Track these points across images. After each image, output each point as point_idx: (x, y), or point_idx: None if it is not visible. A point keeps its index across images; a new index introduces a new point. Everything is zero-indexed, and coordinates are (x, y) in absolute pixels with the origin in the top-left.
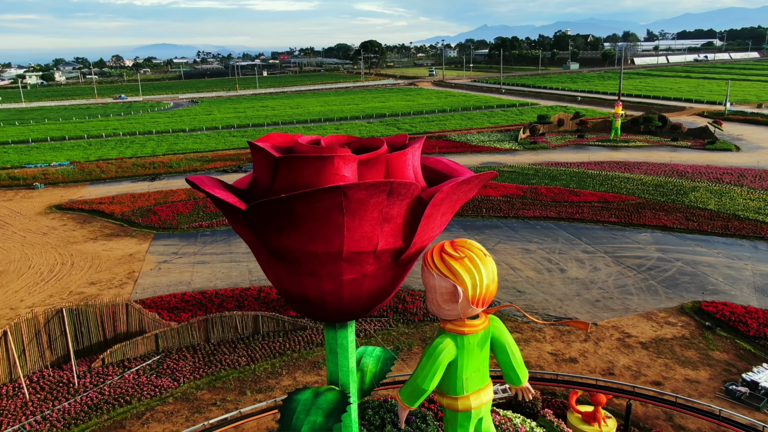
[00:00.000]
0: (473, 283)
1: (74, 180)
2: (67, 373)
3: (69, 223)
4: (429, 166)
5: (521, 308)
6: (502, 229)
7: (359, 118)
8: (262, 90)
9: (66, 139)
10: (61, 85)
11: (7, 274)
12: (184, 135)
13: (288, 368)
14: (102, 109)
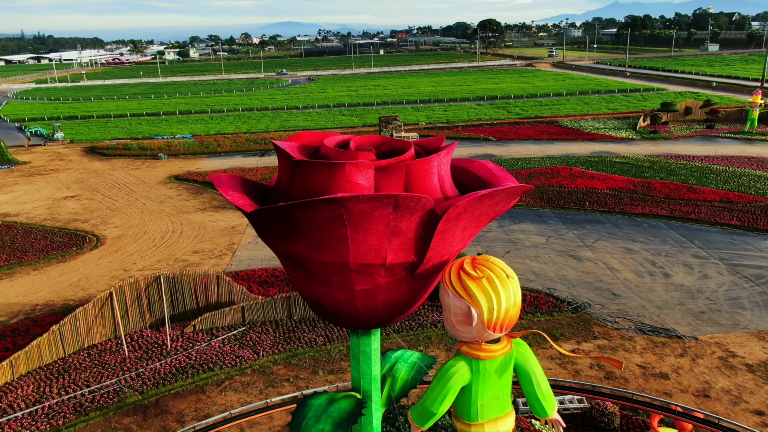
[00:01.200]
0: (489, 307)
1: (193, 152)
2: (162, 335)
3: (183, 193)
4: (471, 171)
5: (590, 316)
6: (605, 225)
7: (469, 100)
8: (376, 69)
9: (192, 113)
10: (194, 61)
11: (126, 237)
12: (297, 112)
13: None
14: (227, 84)
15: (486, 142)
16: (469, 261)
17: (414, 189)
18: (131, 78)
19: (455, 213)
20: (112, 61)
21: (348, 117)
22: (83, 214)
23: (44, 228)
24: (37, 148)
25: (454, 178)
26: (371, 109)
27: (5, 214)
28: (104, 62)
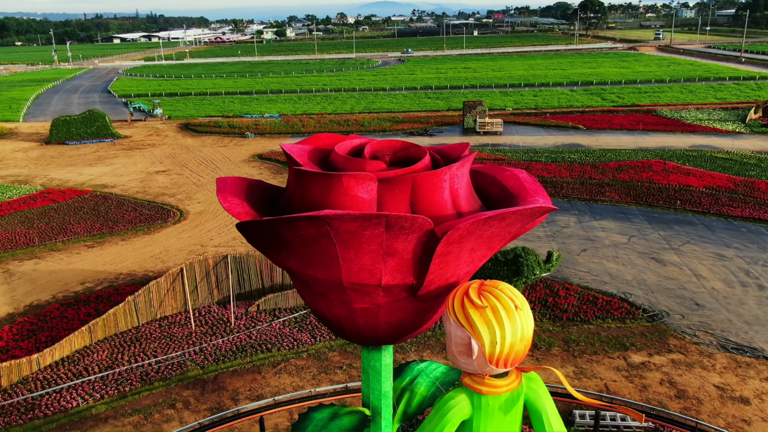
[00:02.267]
0: (492, 340)
1: (278, 132)
2: (228, 312)
3: (264, 172)
4: (501, 181)
5: None
6: (696, 226)
7: (562, 85)
8: (468, 51)
9: (282, 92)
10: (290, 41)
11: (206, 213)
12: (383, 94)
13: (418, 346)
14: (318, 65)
15: (574, 131)
16: (475, 287)
17: (421, 204)
18: (230, 57)
19: (457, 235)
20: (215, 40)
21: (433, 100)
22: (171, 188)
23: (135, 200)
24: (138, 123)
25: (481, 188)
26: (458, 93)
27: (103, 185)
28: (207, 41)
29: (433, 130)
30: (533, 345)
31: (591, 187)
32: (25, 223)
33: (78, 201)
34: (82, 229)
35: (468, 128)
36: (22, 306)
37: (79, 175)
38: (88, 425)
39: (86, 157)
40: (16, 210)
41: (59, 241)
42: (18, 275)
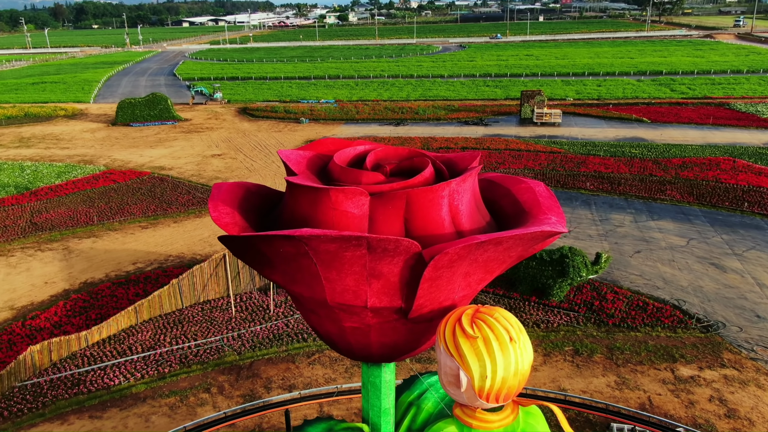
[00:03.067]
0: (482, 373)
1: (333, 118)
2: (267, 300)
3: None
4: (514, 194)
5: None
6: (764, 231)
7: (629, 75)
8: (531, 37)
9: (340, 77)
10: (352, 26)
11: None
12: (440, 81)
13: None
14: (378, 50)
15: (638, 124)
16: (469, 313)
17: (415, 221)
18: (292, 41)
19: (447, 260)
20: (278, 24)
21: (491, 89)
22: (225, 172)
23: (190, 183)
24: (198, 106)
25: (493, 200)
26: (518, 81)
27: (161, 167)
28: (271, 25)
29: (489, 119)
30: (574, 350)
31: (651, 184)
32: (87, 202)
33: (137, 182)
34: (138, 210)
35: (525, 118)
36: (77, 283)
37: (140, 157)
38: (127, 403)
39: (148, 139)
40: (79, 189)
41: (116, 221)
42: (76, 253)
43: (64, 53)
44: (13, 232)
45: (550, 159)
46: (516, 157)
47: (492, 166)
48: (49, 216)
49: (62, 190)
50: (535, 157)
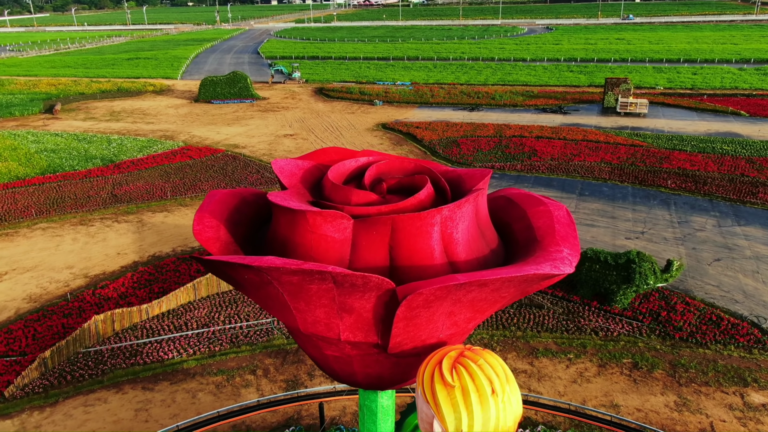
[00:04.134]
0: (457, 426)
1: (407, 101)
2: None
3: (385, 142)
4: (529, 218)
5: None
6: None
7: (729, 63)
8: (624, 20)
9: (418, 59)
10: (437, 5)
11: None
12: (522, 65)
13: (504, 345)
14: (460, 31)
15: (734, 117)
16: (453, 356)
17: (401, 250)
18: (375, 20)
19: (422, 300)
20: (363, 3)
21: (575, 74)
22: (294, 153)
23: (260, 162)
24: (277, 85)
25: (507, 222)
26: (604, 67)
27: (235, 146)
28: (356, 4)
29: (569, 107)
30: (632, 363)
31: (741, 185)
32: (163, 177)
33: (211, 159)
34: (209, 187)
35: (608, 108)
36: (146, 256)
37: (217, 134)
38: (177, 378)
39: (226, 117)
40: (158, 164)
41: (188, 196)
42: (149, 226)
43: (159, 30)
44: (96, 202)
45: (630, 153)
46: (593, 149)
47: (566, 157)
48: (128, 189)
49: (142, 164)
50: (614, 150)
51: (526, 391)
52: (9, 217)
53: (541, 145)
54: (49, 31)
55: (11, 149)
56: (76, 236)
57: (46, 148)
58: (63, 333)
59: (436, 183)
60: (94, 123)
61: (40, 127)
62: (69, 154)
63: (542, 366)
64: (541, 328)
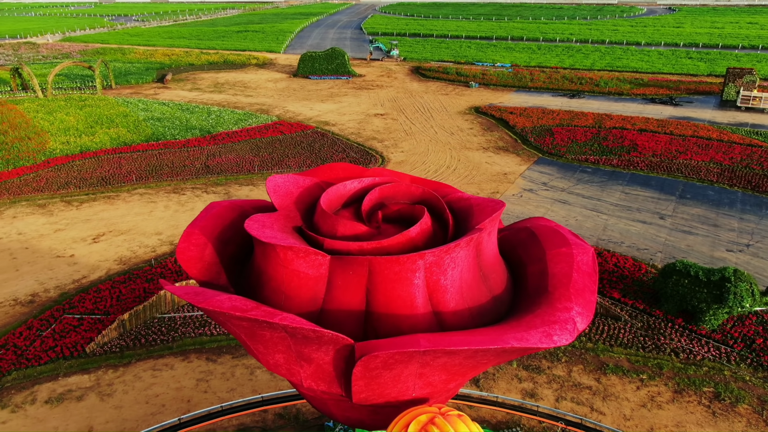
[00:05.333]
0: None
1: (504, 84)
2: None
3: (475, 127)
4: (546, 260)
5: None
6: None
7: None
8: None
9: (523, 39)
10: None
11: (405, 164)
12: (634, 50)
13: (570, 356)
14: (572, 10)
15: None
16: (420, 422)
17: (378, 295)
18: None
19: (379, 362)
20: None
21: (694, 62)
22: (383, 133)
23: (347, 141)
24: (375, 62)
25: (524, 263)
26: (729, 55)
27: (325, 123)
28: None
29: (681, 98)
30: (714, 393)
31: None
32: (254, 151)
33: (300, 135)
34: (295, 163)
35: (727, 101)
36: None
37: (310, 110)
38: (240, 353)
39: (321, 93)
40: (251, 137)
41: (274, 171)
42: (234, 198)
43: (270, 2)
44: (190, 172)
45: (746, 153)
46: (703, 147)
47: (670, 154)
48: (220, 160)
49: (236, 136)
50: (727, 149)
51: (587, 409)
52: (113, 180)
53: (643, 139)
54: (172, 2)
55: (123, 116)
56: (168, 204)
57: (153, 116)
58: (143, 297)
59: (441, 214)
60: (198, 94)
61: (151, 95)
62: (172, 123)
63: (610, 384)
64: (614, 341)
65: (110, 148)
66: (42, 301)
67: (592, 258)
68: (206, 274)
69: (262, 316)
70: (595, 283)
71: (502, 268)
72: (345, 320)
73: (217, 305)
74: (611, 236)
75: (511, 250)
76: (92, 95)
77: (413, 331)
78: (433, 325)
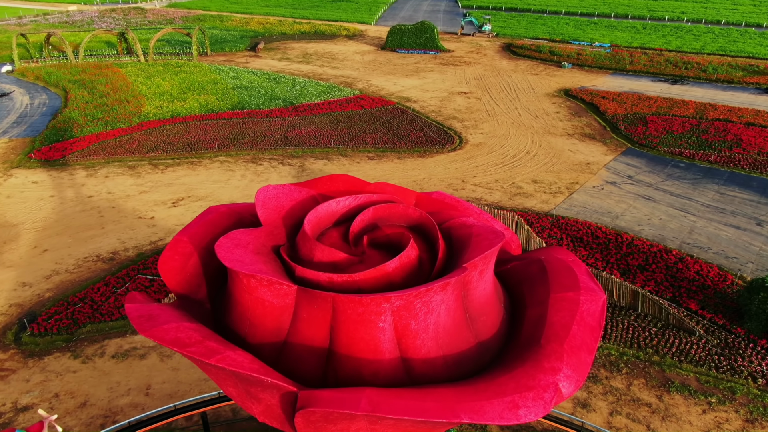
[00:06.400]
0: None
1: (599, 66)
2: None
3: (562, 111)
4: (548, 307)
5: None
6: None
7: None
8: None
9: (628, 17)
10: None
11: (483, 147)
12: (753, 32)
13: (633, 368)
14: None
15: None
16: None
17: (341, 335)
18: None
19: (318, 416)
20: None
21: None
22: (464, 113)
23: (426, 119)
24: (465, 37)
25: (526, 304)
26: None
27: (407, 99)
28: None
29: None
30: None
31: None
32: (332, 125)
33: (380, 111)
34: (371, 140)
35: None
36: None
37: (393, 85)
38: None
39: (406, 68)
40: (331, 110)
41: (350, 146)
42: (308, 172)
43: None
44: (269, 142)
45: None
46: None
47: (764, 157)
48: (299, 132)
49: (318, 108)
50: None
51: (643, 428)
52: (197, 146)
53: (749, 134)
54: None
55: (213, 83)
56: (245, 173)
57: (242, 84)
58: None
59: (427, 245)
60: (287, 64)
61: (242, 63)
62: (258, 92)
63: (673, 403)
64: (684, 357)
65: (198, 114)
66: (121, 259)
67: (602, 308)
68: (185, 287)
69: (198, 355)
70: (597, 339)
71: (496, 309)
72: (307, 356)
73: (160, 336)
74: (697, 240)
75: (517, 285)
76: (188, 61)
77: (374, 377)
78: (399, 372)
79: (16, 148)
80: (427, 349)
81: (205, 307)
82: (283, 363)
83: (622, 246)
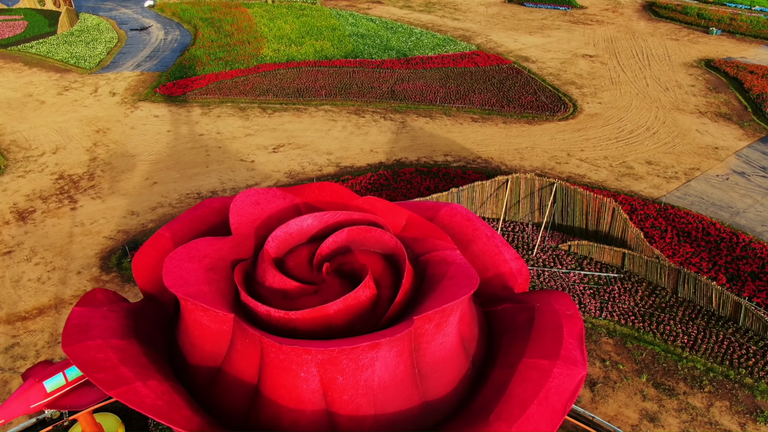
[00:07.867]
0: None
1: (754, 34)
2: (536, 238)
3: (698, 84)
4: (516, 371)
5: None
6: None
7: None
8: None
9: None
10: None
11: (599, 118)
12: None
13: (718, 387)
14: None
15: None
16: None
17: (268, 377)
18: None
19: None
20: None
21: None
22: (584, 78)
23: (541, 83)
24: None
25: (500, 359)
26: None
27: (525, 58)
28: None
29: None
30: None
31: None
32: (441, 81)
33: (494, 69)
34: (478, 101)
35: None
36: (392, 159)
37: (513, 42)
38: None
39: (531, 24)
40: (443, 65)
41: (455, 106)
42: (407, 129)
43: None
44: (375, 95)
45: None
46: None
47: None
48: (406, 86)
49: (430, 62)
50: None
51: None
52: (306, 93)
53: None
54: None
55: (331, 29)
56: (346, 124)
57: (358, 32)
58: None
59: (400, 275)
60: (408, 12)
61: (363, 9)
62: (373, 41)
63: None
64: None
65: (312, 60)
66: None
67: (576, 386)
68: (154, 287)
69: (102, 383)
70: (556, 426)
71: (457, 364)
72: (236, 390)
73: (78, 354)
74: None
75: (500, 333)
76: (311, 5)
77: (293, 426)
78: (322, 425)
79: (145, 81)
80: (356, 406)
81: (168, 312)
82: (214, 391)
83: (736, 248)
